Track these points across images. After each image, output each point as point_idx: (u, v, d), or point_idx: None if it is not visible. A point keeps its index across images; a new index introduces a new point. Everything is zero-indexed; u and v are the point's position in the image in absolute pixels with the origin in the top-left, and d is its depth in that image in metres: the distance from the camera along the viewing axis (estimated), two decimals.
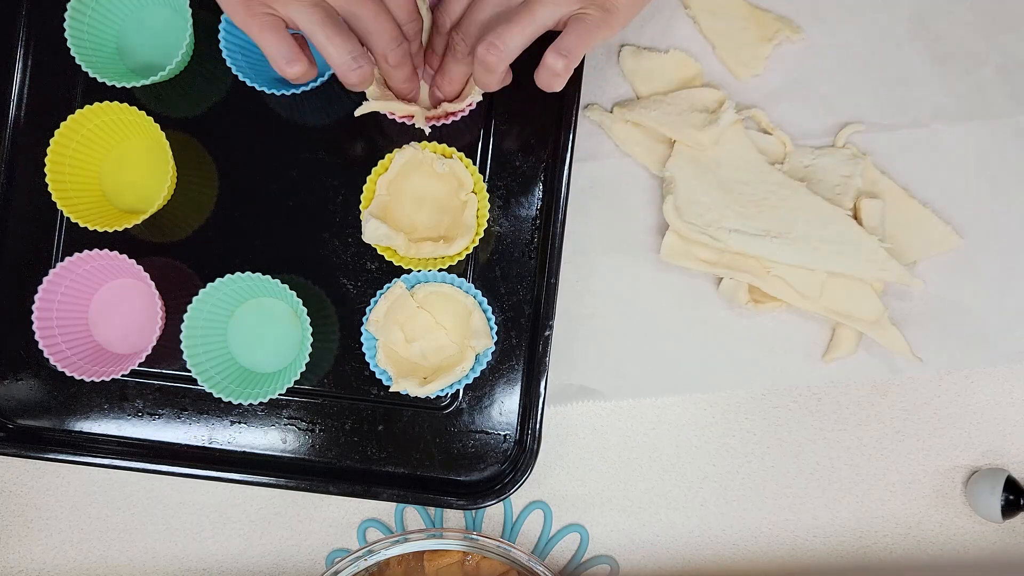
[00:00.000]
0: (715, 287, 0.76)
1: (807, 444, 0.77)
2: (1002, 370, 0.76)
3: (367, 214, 0.69)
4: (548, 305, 0.72)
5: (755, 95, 0.76)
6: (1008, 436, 0.76)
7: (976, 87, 0.76)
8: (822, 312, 0.74)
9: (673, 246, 0.74)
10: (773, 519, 0.77)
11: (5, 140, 0.75)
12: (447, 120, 0.71)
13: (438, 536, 0.72)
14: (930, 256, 0.75)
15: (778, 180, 0.74)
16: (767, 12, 0.76)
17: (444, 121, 0.71)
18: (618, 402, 0.77)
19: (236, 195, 0.75)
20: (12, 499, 0.78)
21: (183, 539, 0.78)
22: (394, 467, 0.74)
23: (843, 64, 0.76)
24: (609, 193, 0.76)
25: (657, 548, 0.77)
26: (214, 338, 0.72)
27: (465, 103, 0.69)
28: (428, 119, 0.70)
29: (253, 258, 0.74)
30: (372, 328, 0.71)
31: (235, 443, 0.75)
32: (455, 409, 0.74)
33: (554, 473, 0.77)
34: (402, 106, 0.69)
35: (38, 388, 0.75)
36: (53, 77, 0.75)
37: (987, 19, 0.76)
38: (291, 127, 0.75)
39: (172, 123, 0.73)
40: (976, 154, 0.76)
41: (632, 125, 0.76)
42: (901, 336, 0.74)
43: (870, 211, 0.74)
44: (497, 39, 0.62)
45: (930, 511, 0.76)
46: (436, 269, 0.71)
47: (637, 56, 0.76)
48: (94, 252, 0.70)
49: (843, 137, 0.76)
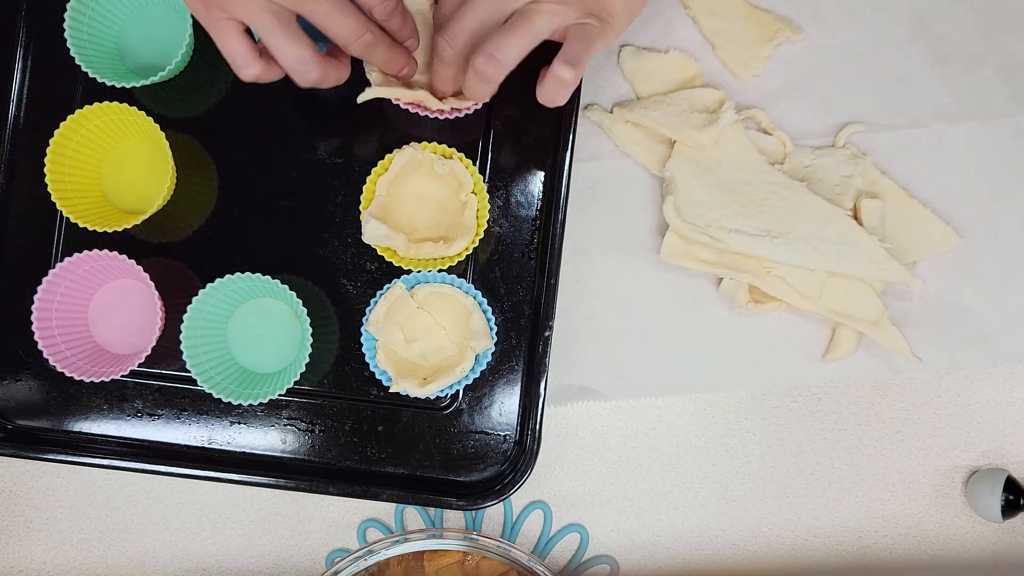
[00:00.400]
0: (715, 287, 0.76)
1: (807, 444, 0.77)
2: (1002, 370, 0.76)
3: (367, 215, 0.69)
4: (548, 305, 0.72)
5: (755, 95, 0.76)
6: (1008, 436, 0.76)
7: (976, 87, 0.76)
8: (822, 312, 0.74)
9: (673, 246, 0.74)
10: (773, 519, 0.77)
11: (5, 140, 0.75)
12: (451, 115, 0.70)
13: (438, 536, 0.72)
14: (930, 256, 0.75)
15: (778, 180, 0.74)
16: (767, 12, 0.76)
17: (448, 116, 0.70)
18: (618, 402, 0.77)
19: (236, 195, 0.75)
20: (12, 499, 0.78)
21: (183, 539, 0.78)
22: (394, 467, 0.74)
23: (843, 64, 0.76)
24: (609, 193, 0.76)
25: (657, 548, 0.77)
26: (214, 338, 0.72)
27: (470, 101, 0.69)
28: (433, 111, 0.69)
29: (253, 258, 0.74)
30: (372, 329, 0.71)
31: (235, 443, 0.75)
32: (455, 409, 0.74)
33: (554, 473, 0.77)
34: (407, 91, 0.68)
35: (37, 389, 0.75)
36: (53, 77, 0.75)
37: (987, 19, 0.76)
38: (291, 127, 0.75)
39: (172, 123, 0.73)
40: (976, 154, 0.76)
41: (632, 125, 0.76)
42: (901, 336, 0.74)
43: (870, 211, 0.74)
44: (496, 50, 0.62)
45: (930, 511, 0.76)
46: (436, 270, 0.71)
47: (637, 56, 0.76)
48: (94, 252, 0.70)
49: (843, 137, 0.76)
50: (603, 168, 0.76)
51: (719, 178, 0.74)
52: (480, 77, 0.63)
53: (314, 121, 0.75)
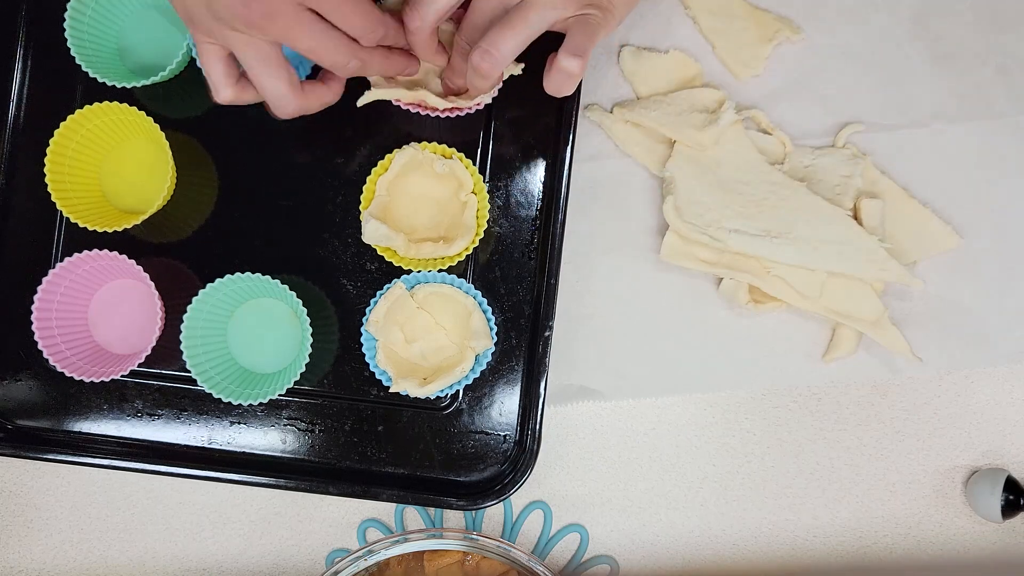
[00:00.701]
0: (715, 287, 0.76)
1: (807, 444, 0.77)
2: (1002, 370, 0.76)
3: (367, 215, 0.69)
4: (548, 305, 0.72)
5: (755, 95, 0.76)
6: (1008, 436, 0.76)
7: (976, 87, 0.76)
8: (822, 312, 0.74)
9: (673, 246, 0.74)
10: (773, 519, 0.77)
11: (5, 140, 0.75)
12: (451, 114, 0.70)
13: (438, 536, 0.72)
14: (930, 256, 0.75)
15: (778, 180, 0.74)
16: (767, 12, 0.76)
17: (449, 115, 0.70)
18: (618, 402, 0.76)
19: (236, 195, 0.75)
20: (12, 499, 0.78)
21: (183, 539, 0.78)
22: (394, 467, 0.74)
23: (843, 64, 0.76)
24: (609, 193, 0.76)
25: (657, 548, 0.77)
26: (214, 338, 0.72)
27: (474, 101, 0.69)
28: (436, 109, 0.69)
29: (253, 258, 0.74)
30: (372, 329, 0.71)
31: (235, 443, 0.75)
32: (455, 410, 0.74)
33: (554, 473, 0.77)
34: (407, 92, 0.68)
35: (37, 389, 0.75)
36: (53, 77, 0.75)
37: (987, 19, 0.76)
38: (291, 127, 0.74)
39: (172, 123, 0.73)
40: (976, 154, 0.76)
41: (632, 125, 0.76)
42: (901, 336, 0.74)
43: (870, 211, 0.74)
44: (491, 46, 0.62)
45: (930, 511, 0.76)
46: (436, 270, 0.71)
47: (637, 56, 0.76)
48: (94, 252, 0.70)
49: (843, 137, 0.75)
50: (603, 168, 0.76)
51: (719, 178, 0.74)
52: (476, 71, 0.63)
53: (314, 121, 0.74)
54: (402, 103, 0.69)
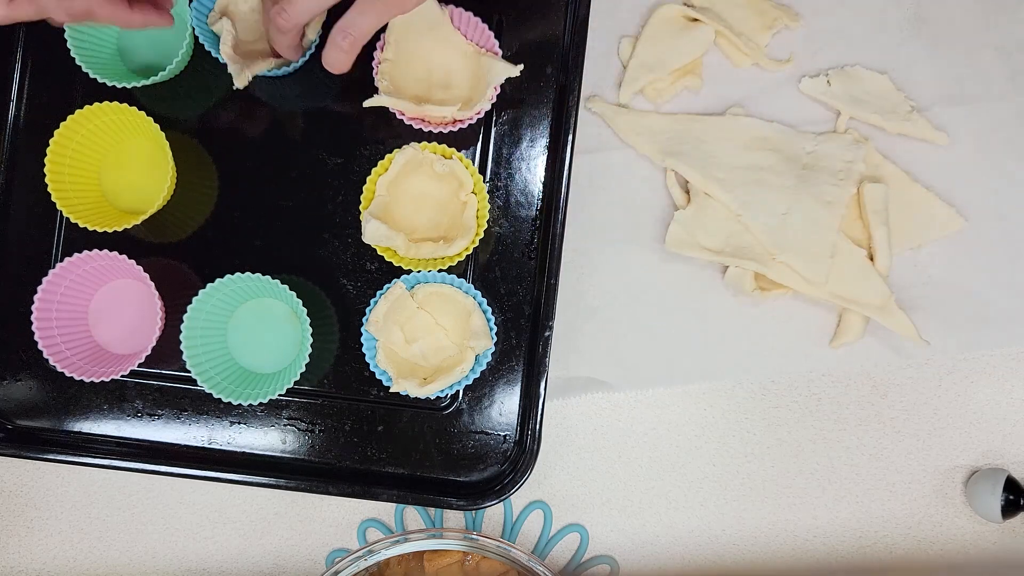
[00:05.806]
0: (721, 275, 0.76)
1: (807, 444, 0.77)
2: (1002, 370, 0.76)
3: (367, 214, 0.69)
4: (548, 306, 0.72)
5: (755, 83, 0.76)
6: (1008, 436, 0.76)
7: (976, 69, 0.76)
8: (828, 298, 0.74)
9: (679, 236, 0.75)
10: (773, 519, 0.77)
11: (5, 140, 0.75)
12: (454, 127, 0.71)
13: (438, 536, 0.72)
14: (934, 239, 0.75)
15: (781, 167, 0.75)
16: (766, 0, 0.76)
17: (451, 128, 0.71)
18: (619, 401, 0.76)
19: (236, 195, 0.75)
20: (12, 499, 0.78)
21: (183, 539, 0.78)
22: (394, 467, 0.74)
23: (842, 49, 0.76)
24: (613, 184, 0.76)
25: (657, 548, 0.77)
26: (214, 338, 0.72)
27: (474, 111, 0.69)
28: (436, 124, 0.70)
29: (253, 258, 0.74)
30: (372, 328, 0.71)
31: (235, 443, 0.74)
32: (455, 410, 0.74)
33: (554, 473, 0.77)
34: (411, 106, 0.69)
35: (38, 389, 0.75)
36: (53, 77, 0.75)
37: (987, 1, 0.76)
38: (291, 127, 0.75)
39: (172, 123, 0.73)
40: (977, 136, 0.76)
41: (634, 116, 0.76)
42: (908, 319, 0.73)
43: (873, 196, 0.74)
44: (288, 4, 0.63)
45: (930, 511, 0.76)
46: (436, 269, 0.71)
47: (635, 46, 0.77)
48: (94, 252, 0.70)
49: (844, 122, 0.76)
50: (607, 159, 0.77)
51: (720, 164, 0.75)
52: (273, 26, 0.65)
53: (314, 121, 0.75)
54: (406, 117, 0.70)
